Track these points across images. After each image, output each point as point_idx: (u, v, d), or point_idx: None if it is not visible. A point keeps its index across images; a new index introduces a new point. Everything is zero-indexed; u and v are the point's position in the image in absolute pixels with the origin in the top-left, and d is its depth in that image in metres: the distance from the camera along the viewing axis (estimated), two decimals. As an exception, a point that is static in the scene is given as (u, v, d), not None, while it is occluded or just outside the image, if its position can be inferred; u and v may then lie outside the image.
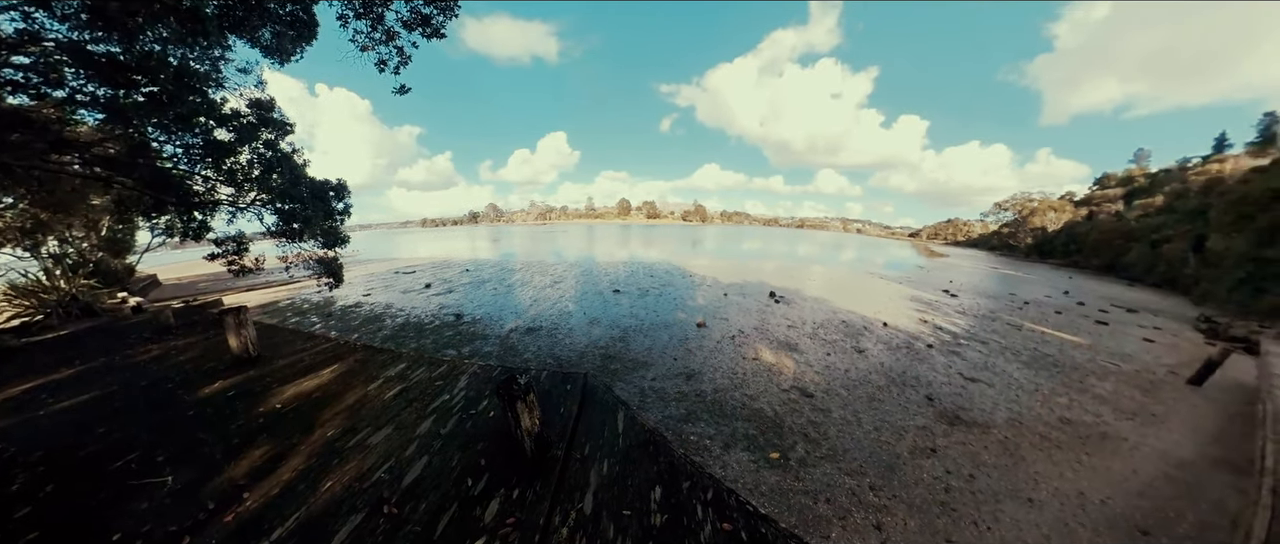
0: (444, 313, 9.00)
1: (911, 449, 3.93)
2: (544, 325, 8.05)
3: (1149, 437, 4.46)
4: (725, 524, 2.42)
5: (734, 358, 6.50)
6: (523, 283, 13.00)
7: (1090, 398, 5.53)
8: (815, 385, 5.48)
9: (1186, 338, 9.88)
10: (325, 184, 7.00)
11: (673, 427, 4.23)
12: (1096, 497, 3.32)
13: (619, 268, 17.33)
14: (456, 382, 4.35)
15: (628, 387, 5.22)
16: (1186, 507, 3.22)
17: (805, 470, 3.51)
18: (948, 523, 2.93)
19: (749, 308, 10.16)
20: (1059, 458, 3.91)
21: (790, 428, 4.28)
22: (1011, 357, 7.24)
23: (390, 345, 6.50)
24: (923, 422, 4.53)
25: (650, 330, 7.89)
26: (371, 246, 35.14)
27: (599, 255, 23.02)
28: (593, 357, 6.32)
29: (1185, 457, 4.04)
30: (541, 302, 10.29)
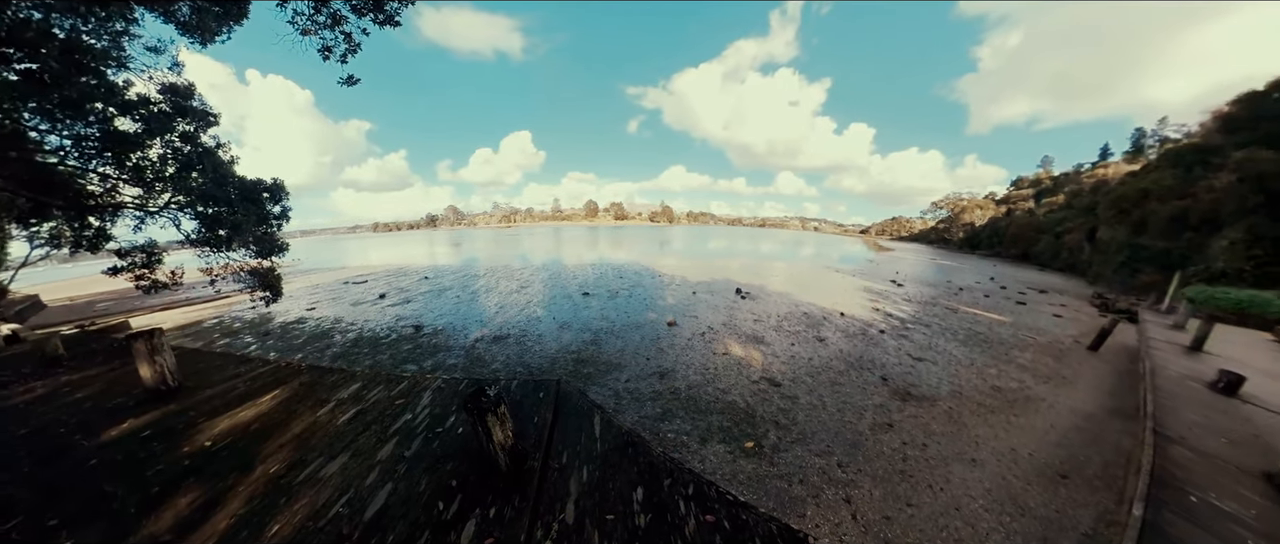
0: (402, 325, 8.41)
1: (872, 426, 4.23)
2: (512, 333, 7.78)
3: (1062, 396, 5.16)
4: (708, 516, 2.46)
5: (705, 354, 6.65)
6: (488, 289, 12.49)
7: (1015, 367, 6.29)
8: (782, 375, 5.74)
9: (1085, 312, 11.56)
10: (258, 184, 6.08)
11: (650, 426, 4.24)
12: (1025, 451, 3.78)
13: (588, 270, 17.15)
14: (419, 399, 4.08)
15: (602, 390, 5.18)
16: (1093, 452, 3.77)
17: (779, 456, 3.67)
18: (907, 489, 3.19)
19: (717, 305, 10.46)
20: (994, 421, 4.40)
21: (762, 417, 4.45)
22: (950, 336, 8.06)
23: (341, 364, 5.97)
24: (879, 400, 4.89)
25: (622, 332, 7.88)
26: (315, 254, 32.12)
27: (567, 258, 22.65)
28: (565, 362, 6.20)
29: (1090, 410, 4.73)
30: (508, 308, 9.96)
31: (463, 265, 19.45)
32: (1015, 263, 29.10)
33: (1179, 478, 2.72)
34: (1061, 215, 33.57)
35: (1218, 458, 3.05)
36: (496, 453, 2.78)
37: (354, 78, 5.81)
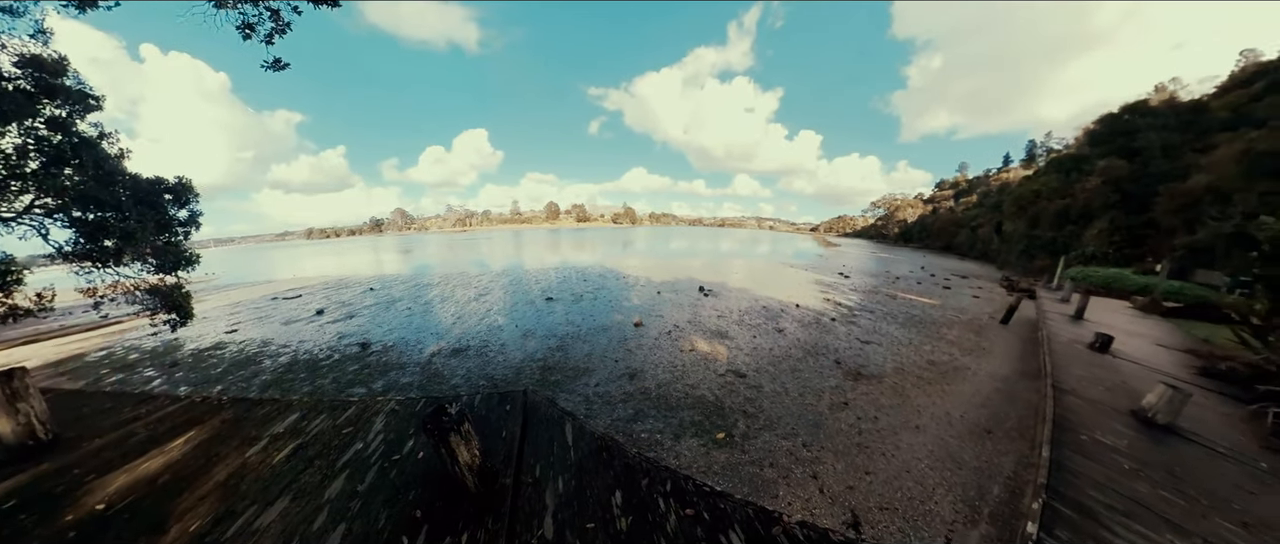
0: (345, 344, 7.58)
1: (830, 406, 4.55)
2: (472, 344, 7.37)
3: (983, 364, 5.94)
4: (687, 510, 2.49)
5: (672, 352, 6.76)
6: (443, 299, 11.68)
7: (944, 343, 7.13)
8: (747, 366, 5.99)
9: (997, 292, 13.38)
10: (158, 184, 5.05)
11: (623, 428, 4.22)
12: (957, 414, 4.29)
13: (550, 274, 16.71)
14: (371, 425, 3.70)
15: (572, 396, 5.07)
16: (1010, 409, 4.39)
17: (749, 443, 3.81)
18: (864, 459, 3.46)
19: (682, 303, 10.68)
20: (931, 391, 4.93)
21: (730, 408, 4.60)
22: (892, 320, 8.93)
23: (274, 394, 5.24)
24: (835, 382, 5.28)
25: (588, 336, 7.77)
26: (236, 266, 27.90)
27: (528, 262, 21.87)
28: (531, 371, 5.98)
29: (1005, 374, 5.49)
30: (467, 318, 9.41)
31: (414, 274, 17.95)
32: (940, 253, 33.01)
33: (1073, 422, 3.23)
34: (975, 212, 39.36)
35: (1099, 403, 3.67)
36: (464, 474, 2.60)
37: (282, 61, 5.04)
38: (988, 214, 35.63)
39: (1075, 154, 27.03)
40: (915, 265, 22.72)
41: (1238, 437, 3.10)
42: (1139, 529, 2.05)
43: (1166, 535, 2.01)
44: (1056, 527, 2.02)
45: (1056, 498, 2.25)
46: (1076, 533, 2.00)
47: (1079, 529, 2.03)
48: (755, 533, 1.96)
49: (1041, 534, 1.96)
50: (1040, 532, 1.97)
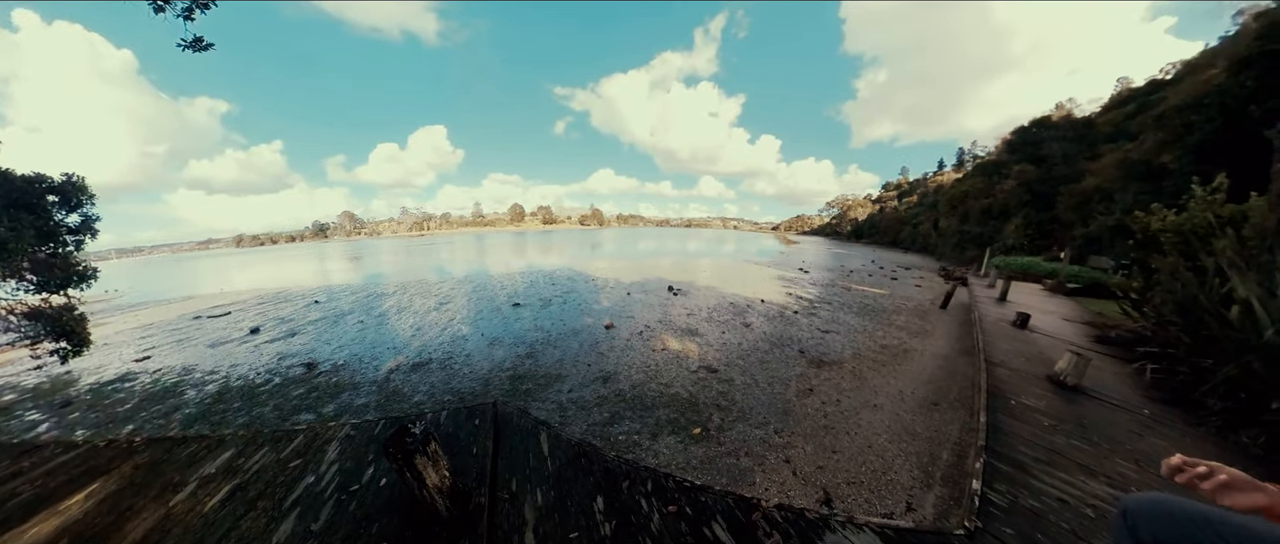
0: (287, 365, 6.76)
1: (797, 393, 4.79)
2: (434, 357, 6.90)
3: (927, 345, 6.56)
4: (670, 508, 2.50)
5: (645, 352, 6.79)
6: (399, 309, 10.82)
7: (894, 328, 7.79)
8: (717, 361, 6.16)
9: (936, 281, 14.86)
10: (37, 183, 4.25)
11: (600, 432, 4.17)
12: (908, 391, 4.70)
13: (517, 279, 16.14)
14: (323, 454, 3.33)
15: (545, 404, 4.92)
16: (952, 383, 4.88)
17: (724, 435, 3.92)
18: (831, 440, 3.68)
19: (652, 303, 10.77)
20: (885, 372, 5.36)
21: (704, 403, 4.70)
22: (848, 310, 9.61)
23: (201, 429, 4.55)
24: (800, 370, 5.57)
25: (559, 341, 7.60)
26: (147, 281, 24.04)
27: (493, 267, 20.93)
28: (500, 381, 5.72)
29: (946, 352, 6.11)
30: (427, 329, 8.81)
31: (365, 283, 16.47)
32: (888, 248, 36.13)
33: (1003, 390, 3.65)
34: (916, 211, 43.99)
35: (1022, 371, 4.19)
36: (433, 498, 2.41)
37: (203, 40, 4.33)
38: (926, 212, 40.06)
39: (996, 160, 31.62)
40: (866, 259, 24.69)
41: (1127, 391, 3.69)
42: (1059, 475, 2.36)
43: (1079, 477, 2.34)
44: (995, 481, 2.27)
45: (994, 456, 2.53)
46: (1011, 484, 2.26)
47: (1013, 480, 2.29)
48: (737, 521, 2.02)
49: (984, 488, 2.18)
50: (983, 486, 2.20)
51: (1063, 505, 2.07)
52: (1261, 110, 9.44)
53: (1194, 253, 4.60)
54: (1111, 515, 1.05)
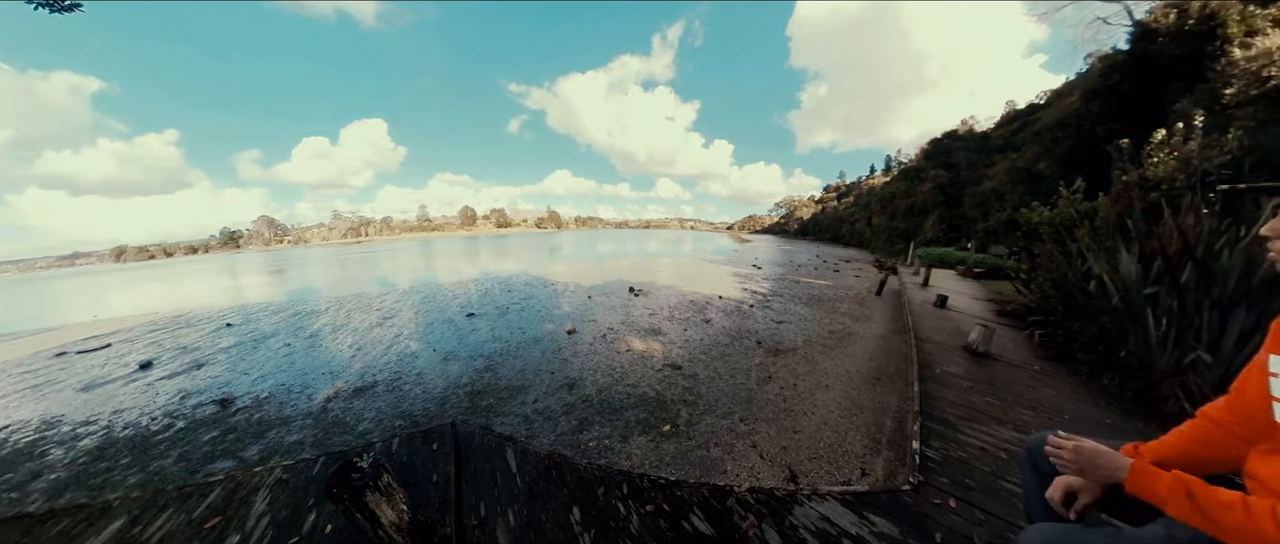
0: (194, 404, 5.58)
1: (757, 381, 5.07)
2: (380, 379, 6.22)
3: (867, 328, 7.32)
4: (647, 507, 2.51)
5: (609, 355, 6.76)
6: (335, 328, 9.59)
7: (839, 315, 8.58)
8: (681, 358, 6.31)
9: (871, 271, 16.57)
10: None
11: (569, 441, 4.06)
12: (854, 370, 5.21)
13: (470, 287, 15.13)
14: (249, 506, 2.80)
15: (509, 419, 4.68)
16: (889, 359, 5.50)
17: (693, 429, 4.02)
18: (791, 422, 3.95)
19: (613, 305, 10.75)
20: (834, 355, 5.89)
21: (671, 400, 4.79)
22: (798, 301, 10.39)
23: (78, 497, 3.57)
24: (759, 360, 5.91)
25: (519, 350, 7.29)
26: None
27: (442, 276, 19.38)
28: (457, 399, 5.32)
29: (883, 333, 6.86)
30: (370, 348, 7.92)
31: (292, 300, 14.24)
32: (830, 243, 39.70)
33: (930, 361, 4.18)
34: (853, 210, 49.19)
35: (943, 344, 4.84)
36: (391, 537, 2.15)
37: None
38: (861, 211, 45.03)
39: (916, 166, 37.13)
40: (812, 254, 26.92)
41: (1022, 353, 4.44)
42: (978, 428, 2.77)
43: (994, 427, 2.76)
44: (930, 439, 2.59)
45: (928, 418, 2.89)
46: (943, 440, 2.60)
47: (944, 437, 2.64)
48: (713, 509, 2.09)
49: (922, 447, 2.49)
50: (921, 445, 2.50)
51: (984, 453, 2.43)
52: (1104, 130, 11.92)
53: (1063, 240, 5.65)
54: (1019, 456, 1.27)
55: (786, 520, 1.86)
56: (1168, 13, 11.43)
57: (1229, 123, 7.18)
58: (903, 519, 1.87)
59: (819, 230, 55.22)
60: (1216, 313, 3.02)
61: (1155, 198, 4.84)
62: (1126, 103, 12.34)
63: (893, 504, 1.97)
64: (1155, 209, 4.29)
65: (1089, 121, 13.96)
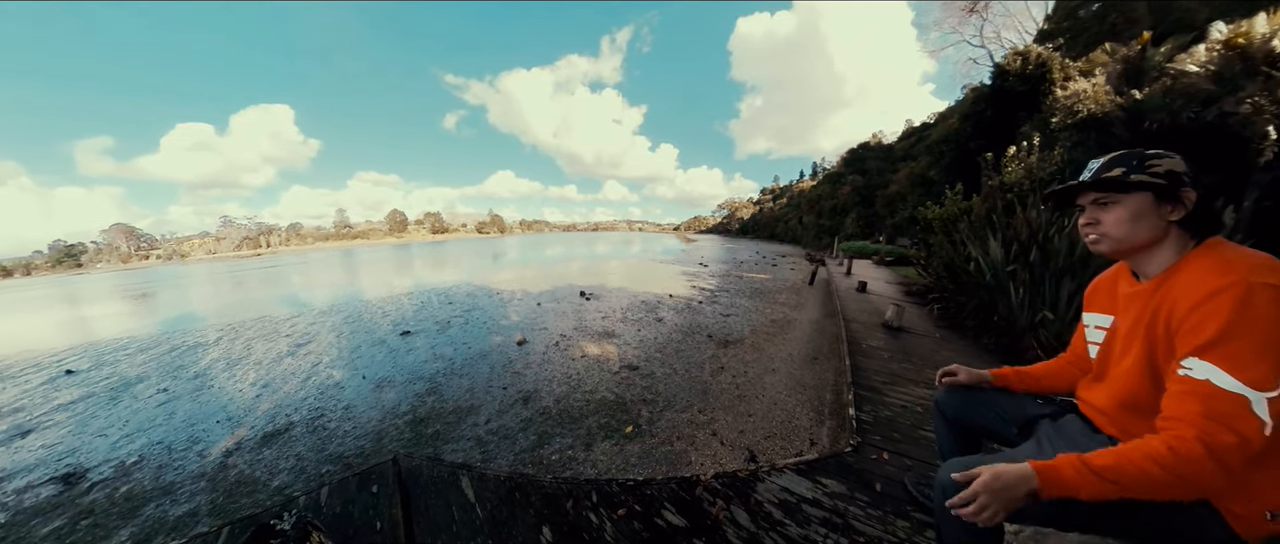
0: (19, 488, 3.97)
1: (711, 373, 5.34)
2: (296, 419, 5.21)
3: (803, 314, 8.14)
4: (619, 511, 2.50)
5: (564, 363, 6.59)
6: (230, 363, 7.81)
7: (778, 305, 9.42)
8: (637, 358, 6.40)
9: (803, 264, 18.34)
10: None
11: (530, 458, 3.88)
12: (796, 353, 5.77)
13: (403, 302, 13.56)
14: None
15: (461, 444, 4.31)
16: (824, 340, 6.18)
17: (655, 427, 4.10)
18: (745, 406, 4.24)
19: (565, 311, 10.52)
20: (778, 341, 6.43)
21: (631, 401, 4.83)
22: (742, 295, 11.15)
23: None
24: (711, 352, 6.22)
25: (466, 368, 6.76)
26: None
27: (370, 290, 17.02)
28: (396, 431, 4.72)
29: (817, 318, 7.70)
30: (279, 383, 6.63)
31: (165, 332, 11.12)
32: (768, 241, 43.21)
33: (856, 338, 4.78)
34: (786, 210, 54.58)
35: (866, 323, 5.56)
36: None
37: None
38: (794, 211, 50.32)
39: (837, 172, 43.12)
40: (753, 251, 29.11)
41: (927, 325, 5.30)
42: (898, 390, 3.24)
43: (910, 387, 3.26)
44: (863, 405, 2.97)
45: (859, 387, 3.31)
46: (872, 404, 3.00)
47: (873, 401, 3.04)
48: (683, 501, 2.17)
49: (857, 412, 2.84)
50: (856, 411, 2.86)
51: (904, 410, 2.87)
52: (975, 146, 15.12)
53: (950, 232, 6.87)
54: (930, 408, 1.54)
55: (752, 498, 2.00)
56: (1015, 59, 15.31)
57: (1056, 142, 9.48)
58: (848, 477, 2.12)
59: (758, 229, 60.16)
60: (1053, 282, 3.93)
61: (1010, 198, 6.10)
62: (990, 125, 15.88)
63: (839, 465, 2.23)
64: (1010, 207, 5.40)
65: (965, 138, 17.56)
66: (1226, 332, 0.71)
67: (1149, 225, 0.85)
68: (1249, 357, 0.69)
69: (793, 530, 1.79)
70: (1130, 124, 8.36)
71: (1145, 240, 0.87)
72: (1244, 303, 0.70)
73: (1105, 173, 0.89)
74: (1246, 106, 6.24)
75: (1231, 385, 0.70)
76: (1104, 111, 9.17)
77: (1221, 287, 0.73)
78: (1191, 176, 0.83)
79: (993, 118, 15.81)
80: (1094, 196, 0.91)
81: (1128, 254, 0.92)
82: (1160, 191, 0.84)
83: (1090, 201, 0.92)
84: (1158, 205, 0.85)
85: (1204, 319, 0.73)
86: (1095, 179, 0.89)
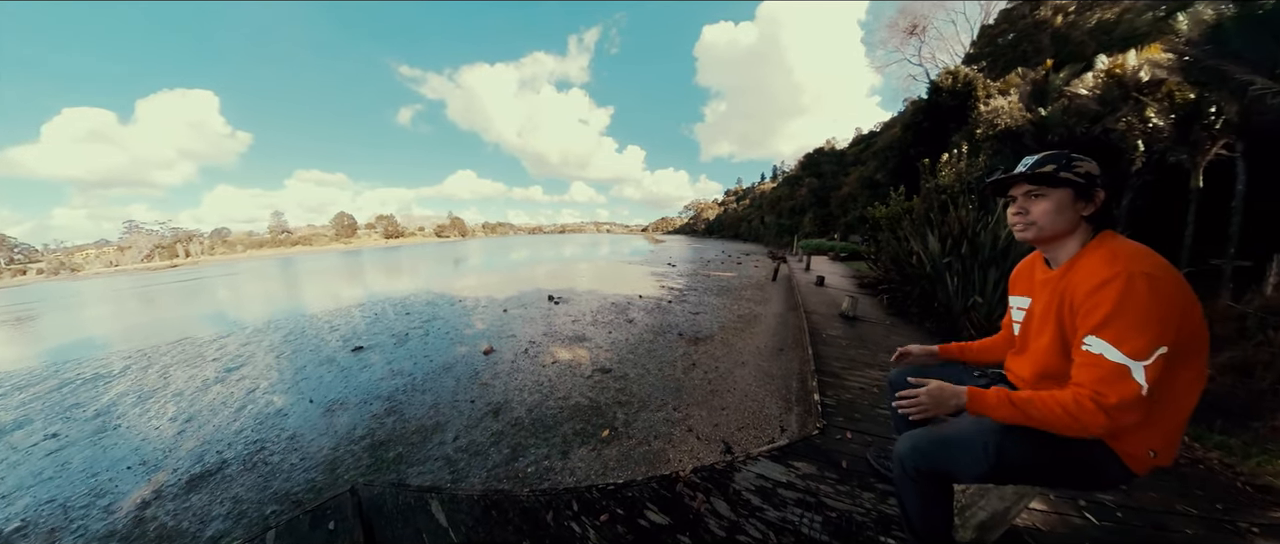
0: None
1: (683, 370, 5.44)
2: (230, 457, 4.49)
3: (768, 309, 8.52)
4: (602, 517, 2.47)
5: (534, 370, 6.41)
6: (142, 397, 6.54)
7: (745, 301, 9.78)
8: (609, 361, 6.36)
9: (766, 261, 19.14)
10: None
11: (505, 472, 3.71)
12: (763, 345, 6.02)
13: (353, 314, 12.42)
14: None
15: (428, 465, 4.02)
16: (788, 331, 6.50)
17: (631, 429, 4.10)
18: (718, 401, 4.36)
19: (533, 317, 10.24)
20: (745, 336, 6.69)
21: (605, 404, 4.79)
22: (710, 293, 11.45)
23: None
24: (682, 350, 6.34)
25: (428, 383, 6.32)
26: None
27: (313, 304, 15.32)
28: (352, 458, 4.28)
29: (781, 311, 8.09)
30: (207, 416, 5.69)
31: (53, 364, 9.00)
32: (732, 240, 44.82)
33: (817, 328, 5.09)
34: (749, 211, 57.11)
35: (825, 314, 5.94)
36: None
37: None
38: (756, 212, 52.83)
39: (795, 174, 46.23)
40: (719, 251, 30.06)
41: (878, 313, 5.76)
42: (857, 374, 3.50)
43: (866, 370, 3.53)
44: (826, 390, 3.17)
45: (822, 374, 3.52)
46: (835, 388, 3.20)
47: (835, 386, 3.25)
48: (664, 499, 2.20)
49: (821, 397, 3.02)
50: (820, 396, 3.04)
51: (863, 391, 3.10)
52: (915, 152, 16.91)
53: (896, 229, 7.55)
54: (885, 388, 1.71)
55: (730, 488, 2.06)
56: (947, 78, 18.14)
57: (980, 151, 10.78)
58: (817, 458, 2.26)
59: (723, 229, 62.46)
60: (981, 271, 4.43)
61: (944, 199, 6.83)
62: (927, 134, 18.24)
63: (808, 448, 2.36)
64: (945, 206, 6.02)
65: (906, 145, 19.90)
66: (1113, 314, 0.86)
67: (1067, 218, 1.00)
68: (1130, 333, 0.85)
69: (770, 514, 1.87)
70: (1037, 136, 9.72)
71: (1062, 230, 1.02)
72: (1126, 290, 0.85)
73: (1040, 167, 1.01)
74: (1122, 124, 7.45)
75: (1117, 357, 0.86)
76: (1017, 125, 10.56)
77: (1110, 276, 0.88)
78: (1102, 179, 0.98)
79: (929, 128, 18.00)
80: (1027, 189, 1.04)
81: (1046, 242, 1.07)
82: (1079, 189, 0.98)
83: (1023, 193, 1.05)
84: (1075, 201, 0.99)
85: (1097, 304, 0.89)
86: (1031, 172, 1.02)
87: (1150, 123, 6.90)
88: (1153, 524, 1.70)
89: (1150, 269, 0.87)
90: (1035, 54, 18.88)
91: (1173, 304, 0.85)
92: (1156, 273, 0.86)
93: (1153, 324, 0.84)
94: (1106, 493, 1.80)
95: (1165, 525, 1.70)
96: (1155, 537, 1.65)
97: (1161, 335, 0.83)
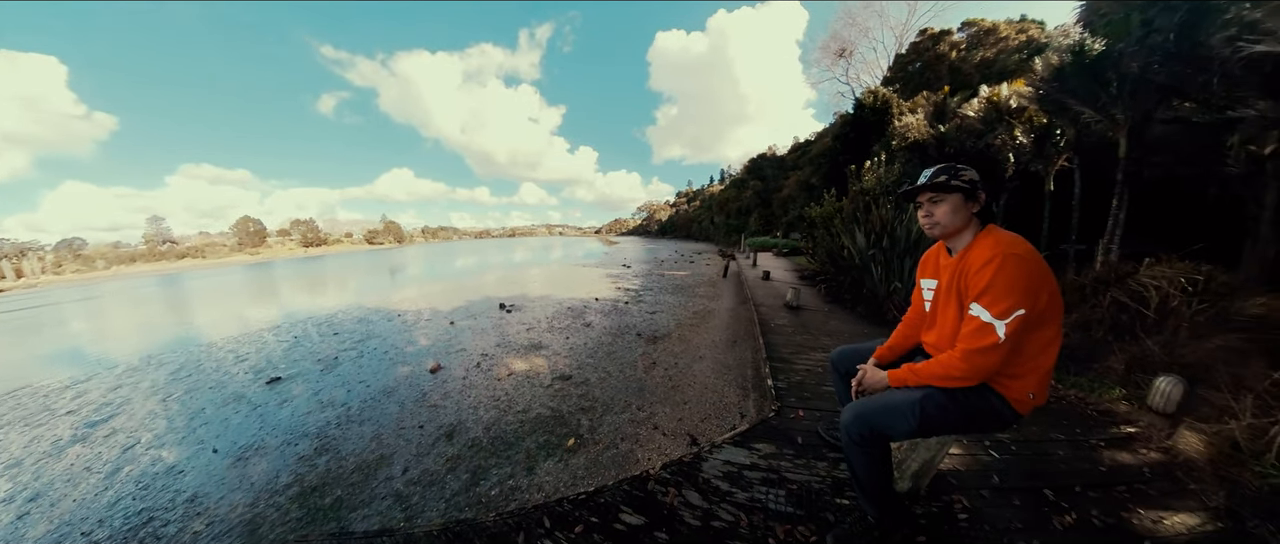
0: None
1: (644, 370, 5.49)
2: (101, 537, 3.49)
3: (720, 304, 8.90)
4: (576, 529, 2.40)
5: (489, 385, 6.04)
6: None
7: (699, 298, 10.15)
8: (569, 367, 6.22)
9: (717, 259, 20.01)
10: None
11: (466, 499, 3.41)
12: (718, 338, 6.29)
13: (266, 339, 10.47)
14: None
15: (375, 505, 3.56)
16: (740, 325, 6.85)
17: (597, 434, 4.03)
18: (680, 396, 4.46)
19: (484, 327, 9.68)
20: (700, 331, 6.93)
21: (568, 412, 4.67)
22: (666, 292, 11.70)
23: None
24: (642, 350, 6.40)
25: (366, 411, 5.59)
26: None
27: (209, 330, 12.60)
28: (277, 512, 3.58)
29: (732, 306, 8.49)
30: (65, 487, 4.26)
31: None
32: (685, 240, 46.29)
33: (766, 318, 5.46)
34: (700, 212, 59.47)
35: (773, 306, 6.39)
36: None
37: None
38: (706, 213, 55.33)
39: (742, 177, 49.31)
40: (672, 250, 30.85)
41: (817, 302, 6.33)
42: (803, 357, 3.81)
43: (811, 354, 3.87)
44: (778, 375, 3.41)
45: (773, 360, 3.79)
46: (785, 373, 3.47)
47: (785, 370, 3.52)
48: (637, 499, 2.21)
49: (774, 382, 3.25)
50: (773, 381, 3.27)
51: (809, 373, 3.39)
52: (844, 159, 19.09)
53: (829, 227, 8.36)
54: (828, 368, 1.92)
55: (699, 478, 2.13)
56: (869, 96, 21.25)
57: (895, 160, 12.45)
58: (776, 438, 2.42)
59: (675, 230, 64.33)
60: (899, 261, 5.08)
61: (868, 200, 7.75)
62: (853, 144, 20.91)
63: (767, 430, 2.53)
64: (868, 207, 6.81)
65: (836, 153, 22.91)
66: (989, 286, 1.13)
67: (961, 216, 1.28)
68: (999, 299, 1.12)
69: (739, 496, 1.98)
70: (939, 148, 11.56)
71: (959, 226, 1.30)
72: (1000, 267, 1.12)
73: (935, 179, 1.29)
74: (999, 140, 9.18)
75: (986, 317, 1.13)
76: (923, 139, 12.36)
77: (990, 257, 1.15)
78: (982, 184, 1.28)
79: (855, 138, 20.76)
80: (930, 195, 1.31)
81: (948, 236, 1.34)
82: (966, 193, 1.26)
83: (927, 199, 1.33)
84: (966, 203, 1.27)
85: (980, 278, 1.16)
86: (929, 183, 1.30)
87: (1017, 140, 8.60)
88: (1036, 452, 2.16)
89: (1020, 252, 1.12)
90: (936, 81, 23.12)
91: (1033, 278, 1.11)
92: (1023, 254, 1.12)
93: (1016, 292, 1.10)
94: (1003, 433, 2.25)
95: (1046, 451, 2.18)
96: (1039, 459, 2.10)
97: (1021, 301, 1.09)
